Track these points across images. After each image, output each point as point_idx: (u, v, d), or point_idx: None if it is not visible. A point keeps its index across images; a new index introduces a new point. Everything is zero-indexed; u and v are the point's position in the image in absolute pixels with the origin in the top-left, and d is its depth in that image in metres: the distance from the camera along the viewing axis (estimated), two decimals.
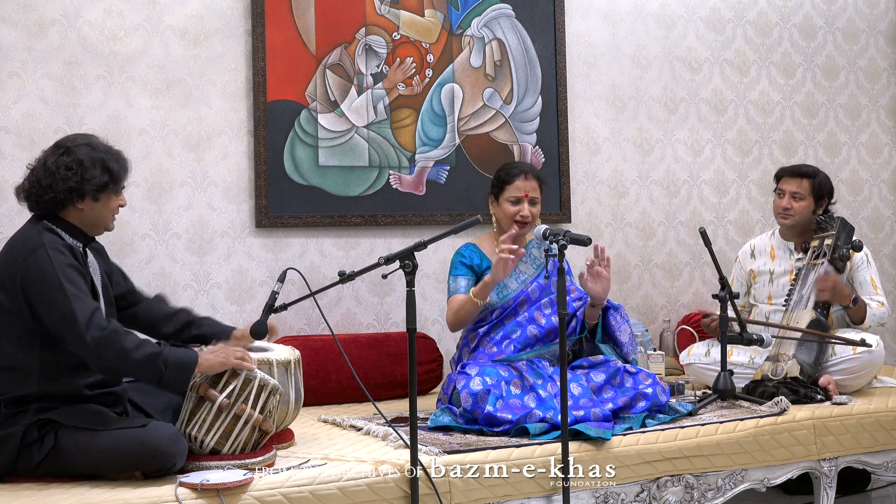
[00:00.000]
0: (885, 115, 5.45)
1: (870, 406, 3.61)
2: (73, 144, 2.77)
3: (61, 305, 2.61)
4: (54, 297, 2.61)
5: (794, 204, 4.03)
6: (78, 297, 2.63)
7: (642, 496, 3.12)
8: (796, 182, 4.05)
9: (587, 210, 4.71)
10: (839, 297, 3.84)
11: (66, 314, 2.60)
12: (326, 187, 4.16)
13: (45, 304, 2.63)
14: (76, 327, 2.59)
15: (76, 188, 2.72)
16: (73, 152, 2.74)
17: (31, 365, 2.67)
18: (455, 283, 3.51)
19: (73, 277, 2.65)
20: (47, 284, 2.62)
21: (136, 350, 2.64)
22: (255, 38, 4.01)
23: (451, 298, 3.51)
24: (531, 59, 4.56)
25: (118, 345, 2.62)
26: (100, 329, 2.61)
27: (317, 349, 3.88)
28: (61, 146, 2.77)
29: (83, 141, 2.79)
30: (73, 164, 2.72)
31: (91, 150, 2.76)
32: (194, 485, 2.52)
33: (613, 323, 3.49)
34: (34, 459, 2.62)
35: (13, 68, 3.67)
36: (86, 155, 2.74)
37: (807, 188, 4.03)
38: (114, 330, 2.64)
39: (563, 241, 3.00)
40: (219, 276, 3.99)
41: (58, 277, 2.62)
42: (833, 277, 3.82)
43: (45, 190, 2.72)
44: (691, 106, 4.96)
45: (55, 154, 2.75)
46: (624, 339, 3.47)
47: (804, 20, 5.24)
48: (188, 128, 3.94)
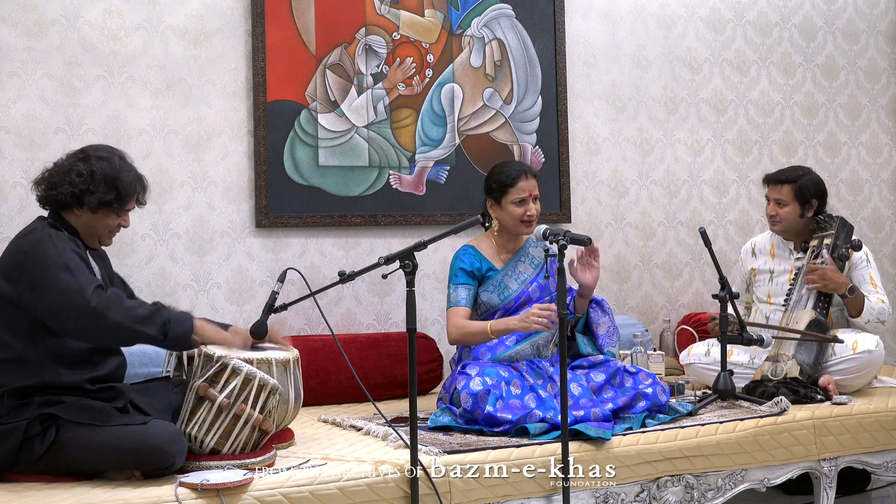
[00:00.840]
0: (885, 115, 5.45)
1: (870, 406, 3.61)
2: (94, 155, 2.83)
3: (64, 280, 2.64)
4: (57, 274, 2.65)
5: (779, 210, 4.04)
6: (81, 272, 2.69)
7: (642, 496, 3.12)
8: (777, 189, 4.06)
9: (587, 210, 4.71)
10: (834, 284, 3.82)
11: (69, 287, 2.64)
12: (326, 187, 4.16)
13: (46, 283, 2.65)
14: (81, 297, 2.63)
15: (77, 196, 2.78)
16: (90, 162, 2.80)
17: (35, 356, 2.69)
18: (456, 294, 3.50)
19: (76, 260, 2.70)
20: (49, 266, 2.66)
21: (139, 307, 2.72)
22: (255, 38, 4.02)
23: (452, 311, 3.48)
24: (531, 59, 4.56)
25: (121, 303, 2.69)
26: (102, 295, 2.68)
27: (317, 349, 3.88)
28: (84, 152, 2.85)
29: (105, 154, 2.85)
30: (84, 173, 2.78)
31: (107, 164, 2.82)
32: (194, 485, 2.52)
33: (593, 315, 3.53)
34: (35, 453, 2.63)
35: (13, 68, 3.67)
36: (99, 168, 2.79)
37: (788, 193, 4.02)
38: (115, 292, 2.73)
39: (563, 241, 3.00)
40: (219, 276, 3.99)
41: (61, 258, 2.67)
42: (820, 268, 3.80)
43: (51, 187, 2.80)
44: (691, 106, 4.96)
45: (75, 157, 2.83)
46: (601, 332, 3.50)
47: (804, 20, 5.24)
48: (188, 128, 3.94)
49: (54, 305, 2.66)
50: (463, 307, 3.48)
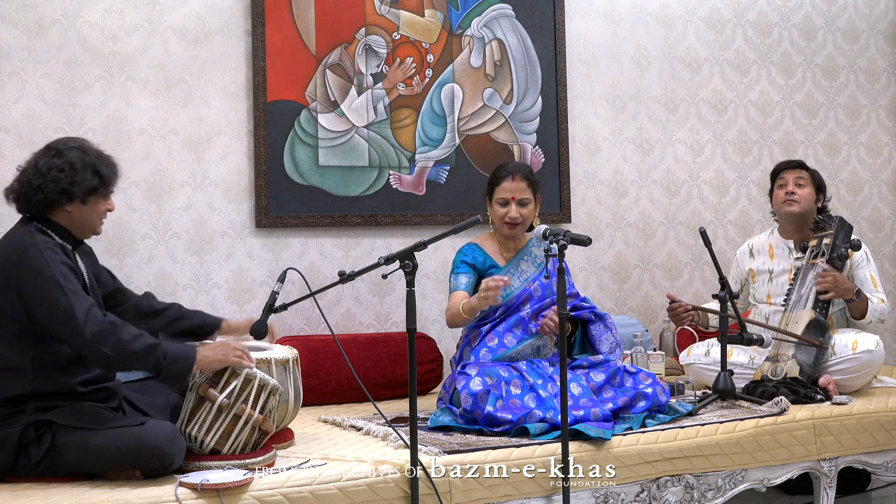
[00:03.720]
0: (885, 115, 5.45)
1: (870, 406, 3.61)
2: (65, 147, 2.78)
3: (58, 302, 2.61)
4: (50, 294, 2.62)
5: (798, 190, 4.04)
6: (74, 292, 2.65)
7: (642, 496, 3.12)
8: (796, 171, 4.10)
9: (587, 210, 4.71)
10: (842, 290, 3.83)
11: (63, 311, 2.61)
12: (326, 187, 4.16)
13: (41, 302, 2.63)
14: (74, 322, 2.60)
15: (66, 190, 2.73)
16: (65, 155, 2.75)
17: (25, 364, 2.68)
18: (456, 280, 3.55)
19: (67, 275, 2.67)
20: (43, 282, 2.63)
21: (134, 341, 2.65)
22: (255, 38, 4.02)
23: (452, 295, 3.55)
24: (531, 59, 4.56)
25: (116, 336, 2.63)
26: (97, 323, 2.63)
27: (317, 349, 3.88)
28: (52, 148, 2.79)
29: (74, 144, 2.81)
30: (65, 167, 2.73)
31: (82, 153, 2.78)
32: (194, 485, 2.52)
33: (595, 333, 3.53)
34: (32, 459, 2.62)
35: (13, 68, 3.67)
36: (77, 158, 2.76)
37: (807, 177, 4.07)
38: (111, 322, 2.66)
39: (564, 241, 3.00)
40: (219, 276, 3.99)
41: (53, 275, 2.63)
42: (832, 273, 3.81)
43: (36, 191, 2.73)
44: (691, 106, 4.96)
45: (46, 156, 2.77)
46: (604, 349, 3.50)
47: (804, 20, 5.24)
48: (188, 128, 3.94)
49: (48, 324, 2.65)
50: (461, 291, 3.50)
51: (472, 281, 3.53)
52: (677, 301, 3.87)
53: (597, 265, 4.73)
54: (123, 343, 2.63)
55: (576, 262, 4.64)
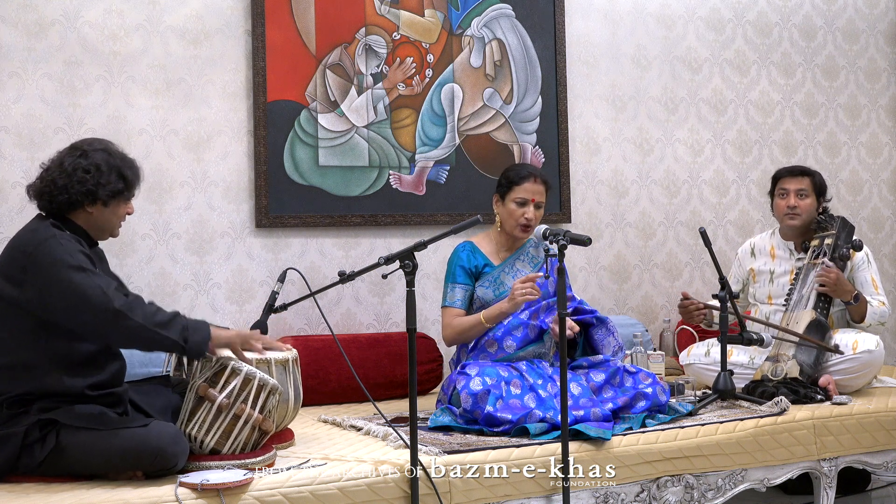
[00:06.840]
0: (885, 115, 5.45)
1: (870, 406, 3.61)
2: (90, 148, 2.80)
3: (80, 283, 2.62)
4: (72, 277, 2.62)
5: (800, 202, 4.03)
6: (96, 273, 2.67)
7: (642, 496, 3.12)
8: (798, 180, 4.06)
9: (587, 210, 4.71)
10: (841, 292, 3.83)
11: (87, 290, 2.61)
12: (326, 187, 4.16)
13: (61, 288, 2.62)
14: (102, 298, 2.61)
15: (91, 192, 2.74)
16: (90, 156, 2.77)
17: (37, 361, 2.66)
18: (452, 294, 3.53)
19: (85, 261, 2.68)
20: (62, 268, 2.63)
21: (159, 312, 2.70)
22: (255, 38, 4.02)
23: (447, 310, 3.52)
24: (531, 59, 4.56)
25: (143, 308, 2.67)
26: (124, 297, 2.67)
27: (317, 349, 3.88)
28: (78, 148, 2.80)
29: (100, 146, 2.82)
30: (91, 168, 2.75)
31: (108, 155, 2.80)
32: (194, 485, 2.52)
33: (597, 337, 3.53)
34: (36, 459, 2.61)
35: (13, 68, 3.67)
36: (102, 160, 2.77)
37: (809, 185, 4.05)
38: (137, 296, 2.72)
39: (563, 241, 3.00)
40: (219, 276, 3.99)
41: (71, 261, 2.64)
42: (836, 270, 3.82)
43: (61, 190, 2.74)
44: (691, 106, 4.96)
45: (72, 156, 2.78)
46: (608, 354, 3.49)
47: (804, 20, 5.24)
48: (188, 128, 3.94)
49: (71, 306, 2.63)
50: (458, 308, 3.51)
51: (468, 295, 3.54)
52: (690, 298, 3.87)
53: (597, 265, 4.73)
54: (152, 314, 2.67)
55: (576, 262, 4.65)
